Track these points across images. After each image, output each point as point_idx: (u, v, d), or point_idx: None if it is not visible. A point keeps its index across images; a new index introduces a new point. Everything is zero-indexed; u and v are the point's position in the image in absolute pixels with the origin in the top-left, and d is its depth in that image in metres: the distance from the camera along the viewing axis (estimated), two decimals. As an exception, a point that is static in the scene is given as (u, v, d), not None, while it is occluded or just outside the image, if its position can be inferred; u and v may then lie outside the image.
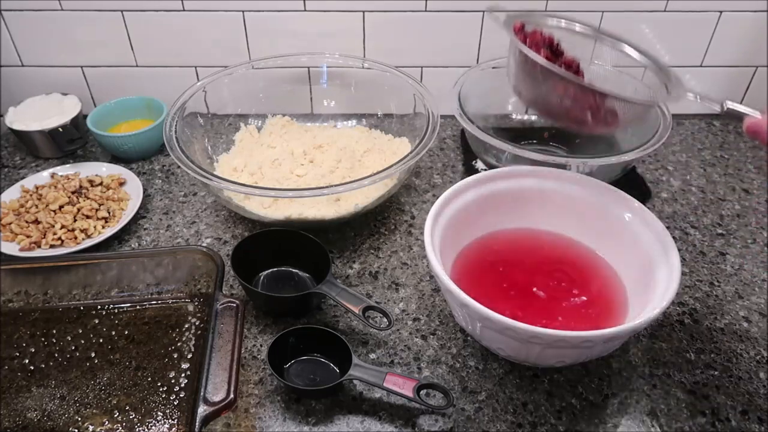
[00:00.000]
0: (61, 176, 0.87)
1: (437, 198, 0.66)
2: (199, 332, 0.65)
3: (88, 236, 0.78)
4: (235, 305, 0.60)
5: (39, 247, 0.77)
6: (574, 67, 0.70)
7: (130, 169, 0.90)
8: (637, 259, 0.64)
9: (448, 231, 0.66)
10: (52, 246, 0.77)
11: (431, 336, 0.68)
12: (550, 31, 0.72)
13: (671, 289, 0.56)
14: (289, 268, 0.75)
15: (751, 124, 0.57)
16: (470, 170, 0.92)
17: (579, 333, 0.53)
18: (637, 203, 0.66)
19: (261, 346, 0.67)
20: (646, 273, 0.62)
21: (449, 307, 0.66)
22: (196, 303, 0.68)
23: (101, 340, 0.65)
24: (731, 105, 0.61)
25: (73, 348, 0.64)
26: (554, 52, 0.70)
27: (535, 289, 0.67)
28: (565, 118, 0.67)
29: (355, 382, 0.63)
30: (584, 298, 0.65)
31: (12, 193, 0.85)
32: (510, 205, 0.71)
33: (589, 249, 0.70)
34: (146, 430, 0.57)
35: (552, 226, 0.72)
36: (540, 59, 0.63)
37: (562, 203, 0.71)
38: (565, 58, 0.70)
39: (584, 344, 0.54)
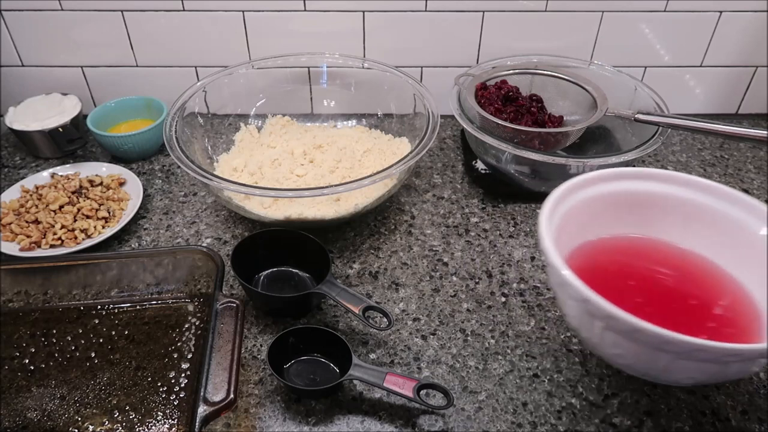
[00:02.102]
0: (61, 176, 0.87)
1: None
2: (199, 332, 0.65)
3: (88, 236, 0.78)
4: (235, 305, 0.60)
5: (39, 247, 0.77)
6: (527, 106, 0.88)
7: (130, 169, 0.90)
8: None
9: (561, 228, 0.59)
10: (52, 246, 0.77)
11: (431, 336, 0.68)
12: (508, 80, 0.91)
13: None
14: (289, 268, 0.75)
15: None
16: (470, 170, 0.92)
17: (723, 344, 0.45)
18: None
19: (261, 346, 0.67)
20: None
21: (561, 305, 0.61)
22: (196, 303, 0.68)
23: (101, 340, 0.65)
24: (641, 116, 0.81)
25: (73, 348, 0.64)
26: (509, 99, 0.88)
27: (658, 304, 0.60)
28: (529, 144, 0.83)
29: (355, 382, 0.63)
30: (715, 320, 0.57)
31: (12, 193, 0.85)
32: (631, 209, 0.64)
33: (719, 266, 0.63)
34: (146, 430, 0.57)
35: (678, 238, 0.65)
36: (484, 113, 0.84)
37: (691, 212, 0.63)
38: (518, 101, 0.88)
39: (725, 358, 0.47)
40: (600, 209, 0.64)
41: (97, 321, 0.67)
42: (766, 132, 0.73)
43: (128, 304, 0.68)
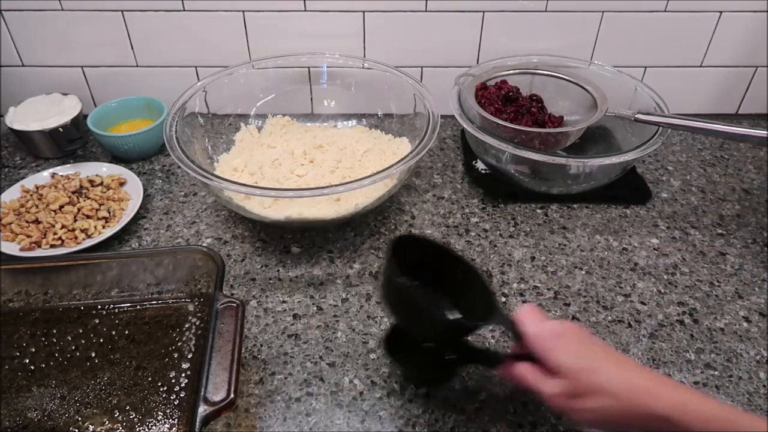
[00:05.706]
0: (62, 176, 0.87)
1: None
2: (199, 332, 0.65)
3: (89, 236, 0.78)
4: (235, 305, 0.60)
5: (39, 246, 0.77)
6: (527, 106, 0.88)
7: (131, 169, 0.90)
8: None
9: None
10: (52, 246, 0.77)
11: (431, 336, 0.68)
12: (508, 80, 0.91)
13: None
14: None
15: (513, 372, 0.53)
16: (470, 170, 0.92)
17: None
18: None
19: (261, 346, 0.67)
20: None
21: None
22: (197, 303, 0.68)
23: (101, 340, 0.65)
24: (641, 116, 0.81)
25: (74, 348, 0.64)
26: (509, 99, 0.88)
27: None
28: (529, 144, 0.83)
29: (356, 381, 0.63)
30: None
31: (12, 193, 0.85)
32: None
33: None
34: (146, 429, 0.57)
35: None
36: (486, 114, 0.84)
37: None
38: (519, 102, 0.88)
39: None
40: None
41: (97, 321, 0.67)
42: (766, 132, 0.73)
43: (128, 304, 0.68)
